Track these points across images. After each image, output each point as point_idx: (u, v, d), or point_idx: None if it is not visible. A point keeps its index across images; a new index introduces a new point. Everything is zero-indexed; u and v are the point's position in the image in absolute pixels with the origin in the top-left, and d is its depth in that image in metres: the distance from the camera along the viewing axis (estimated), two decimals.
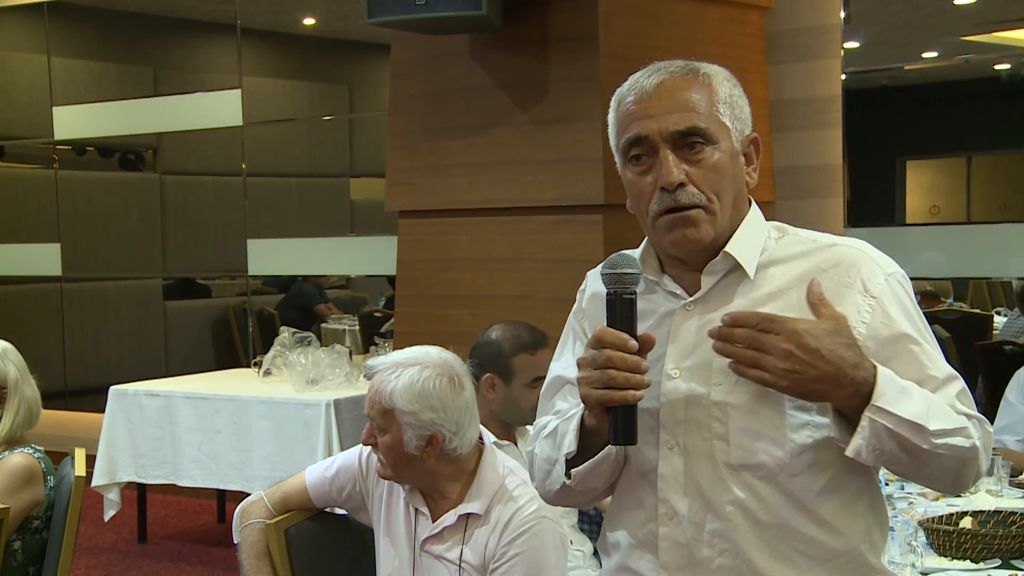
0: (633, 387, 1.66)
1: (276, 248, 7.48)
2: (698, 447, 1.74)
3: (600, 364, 1.67)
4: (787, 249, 1.80)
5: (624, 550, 1.83)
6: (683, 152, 1.74)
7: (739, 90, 1.82)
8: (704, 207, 1.74)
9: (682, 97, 1.76)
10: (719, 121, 1.76)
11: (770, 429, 1.70)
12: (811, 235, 1.82)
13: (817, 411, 1.71)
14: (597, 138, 4.64)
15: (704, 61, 1.83)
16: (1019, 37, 5.42)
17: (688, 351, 1.76)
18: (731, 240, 1.78)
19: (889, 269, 1.77)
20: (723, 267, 1.78)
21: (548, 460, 1.86)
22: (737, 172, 1.79)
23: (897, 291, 1.75)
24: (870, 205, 5.87)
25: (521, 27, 4.86)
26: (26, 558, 3.29)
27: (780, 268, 1.77)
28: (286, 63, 8.30)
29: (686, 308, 1.79)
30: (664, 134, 1.74)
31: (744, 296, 1.76)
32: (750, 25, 5.38)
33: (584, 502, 1.91)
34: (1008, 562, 2.73)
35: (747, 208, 1.83)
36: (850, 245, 1.79)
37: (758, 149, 1.84)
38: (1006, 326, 5.39)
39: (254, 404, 5.44)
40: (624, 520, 1.83)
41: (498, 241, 5.01)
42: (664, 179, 1.73)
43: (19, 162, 8.93)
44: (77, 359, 8.45)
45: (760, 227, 1.82)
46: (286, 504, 2.78)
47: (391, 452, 2.55)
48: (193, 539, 6.24)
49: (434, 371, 2.55)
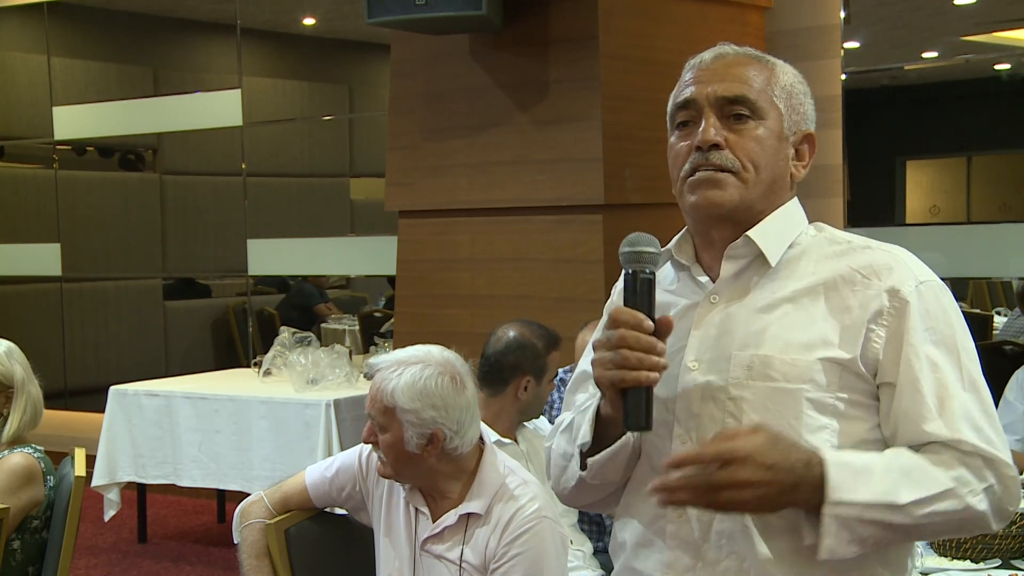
0: (648, 368, 1.59)
1: (276, 248, 7.48)
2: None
3: (614, 344, 1.61)
4: (821, 247, 1.74)
5: (630, 549, 1.78)
6: (727, 121, 1.70)
7: (805, 88, 1.79)
8: (736, 173, 1.69)
9: (738, 70, 1.73)
10: (771, 101, 1.72)
11: (785, 428, 1.62)
12: (847, 236, 1.76)
13: (837, 415, 1.65)
14: (597, 138, 4.63)
15: None
16: (1019, 37, 5.43)
17: (709, 343, 1.71)
18: (757, 225, 1.72)
19: (923, 277, 1.69)
20: (744, 253, 1.73)
21: (564, 455, 1.81)
22: (780, 156, 1.73)
23: (928, 301, 1.67)
24: (870, 205, 5.87)
25: (521, 27, 4.86)
26: (26, 558, 3.29)
27: (810, 265, 1.71)
28: (286, 63, 8.30)
29: (710, 300, 1.73)
30: (711, 98, 1.70)
31: (770, 291, 1.71)
32: (750, 25, 5.38)
33: (600, 500, 1.84)
34: (1008, 562, 2.72)
35: (787, 200, 1.77)
36: (885, 249, 1.73)
37: (812, 148, 1.78)
38: (1006, 326, 5.39)
39: (254, 404, 5.44)
40: (633, 517, 1.79)
41: (498, 241, 5.01)
42: (700, 137, 1.69)
43: (19, 162, 8.93)
44: (77, 359, 8.45)
45: (796, 220, 1.77)
46: (286, 504, 2.78)
47: (392, 450, 2.55)
48: (193, 539, 6.23)
49: (436, 369, 2.55)
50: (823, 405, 1.65)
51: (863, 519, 1.56)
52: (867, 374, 1.66)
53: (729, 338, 1.69)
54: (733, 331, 1.70)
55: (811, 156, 1.78)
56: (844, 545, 1.56)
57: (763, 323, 1.69)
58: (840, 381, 1.65)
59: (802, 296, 1.69)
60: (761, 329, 1.68)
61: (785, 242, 1.73)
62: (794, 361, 1.65)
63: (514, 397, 3.35)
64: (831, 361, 1.65)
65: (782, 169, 1.74)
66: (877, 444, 1.67)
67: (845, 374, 1.66)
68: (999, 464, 1.63)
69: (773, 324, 1.68)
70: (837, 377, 1.65)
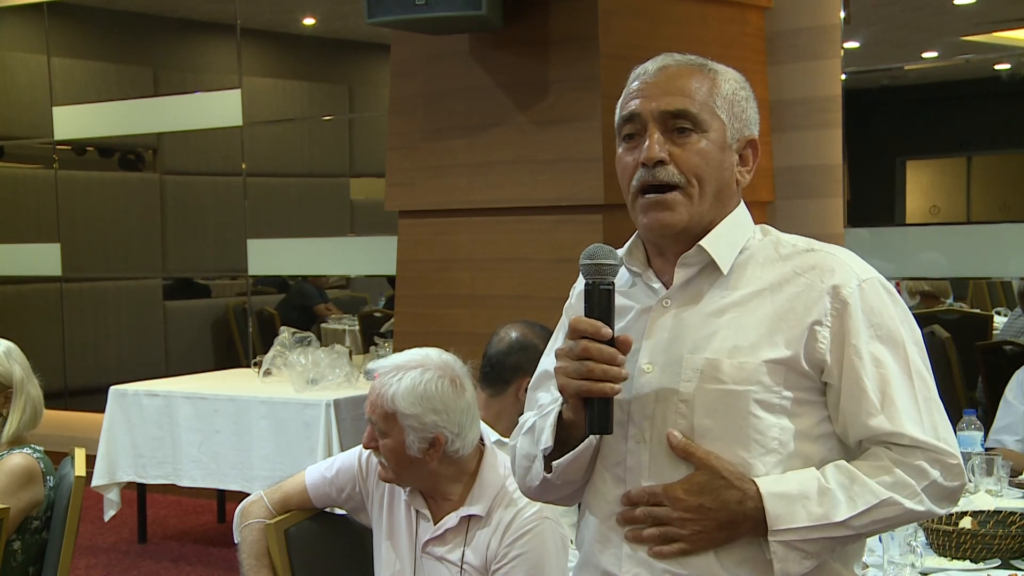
0: (611, 379, 1.68)
1: (276, 248, 7.48)
2: (663, 442, 1.74)
3: (577, 355, 1.69)
4: (767, 250, 1.80)
5: (588, 544, 1.84)
6: (671, 135, 1.76)
7: (747, 92, 1.83)
8: (682, 188, 1.75)
9: (681, 82, 1.78)
10: (713, 112, 1.77)
11: (733, 428, 1.71)
12: (792, 239, 1.82)
13: (784, 413, 1.72)
14: (597, 138, 4.64)
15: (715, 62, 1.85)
16: (1019, 37, 5.42)
17: (662, 346, 1.77)
18: (708, 234, 1.78)
19: (864, 275, 1.75)
20: (697, 261, 1.79)
21: (527, 456, 1.86)
22: (725, 166, 1.79)
23: (869, 298, 1.74)
24: (870, 205, 5.87)
25: (521, 27, 4.86)
26: (26, 558, 3.29)
27: (757, 270, 1.78)
28: (286, 63, 8.30)
29: (663, 304, 1.79)
30: (654, 113, 1.76)
31: (720, 296, 1.77)
32: (750, 25, 5.38)
33: (565, 497, 1.90)
34: (1008, 562, 2.72)
35: (734, 206, 1.83)
36: (827, 251, 1.79)
37: (756, 152, 1.84)
38: (1006, 326, 5.39)
39: (254, 404, 5.44)
40: (590, 516, 1.84)
41: (498, 241, 5.01)
42: (644, 154, 1.75)
43: (19, 162, 8.93)
44: (77, 359, 8.45)
45: (744, 226, 1.82)
46: (286, 504, 2.78)
47: (393, 455, 2.55)
48: (193, 539, 6.23)
49: (436, 373, 2.54)
50: (770, 405, 1.72)
51: (807, 539, 1.68)
52: (812, 372, 1.73)
53: (680, 342, 1.75)
54: (684, 335, 1.76)
55: (755, 160, 1.84)
56: (797, 563, 1.69)
57: (713, 327, 1.75)
58: (786, 381, 1.72)
59: (749, 300, 1.76)
60: (711, 333, 1.75)
61: (735, 249, 1.80)
62: (741, 364, 1.72)
63: (515, 398, 3.35)
64: (776, 362, 1.72)
65: (727, 178, 1.80)
66: (827, 438, 1.75)
67: (790, 374, 1.73)
68: (942, 454, 1.71)
69: (722, 328, 1.75)
70: (782, 377, 1.72)
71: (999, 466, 3.43)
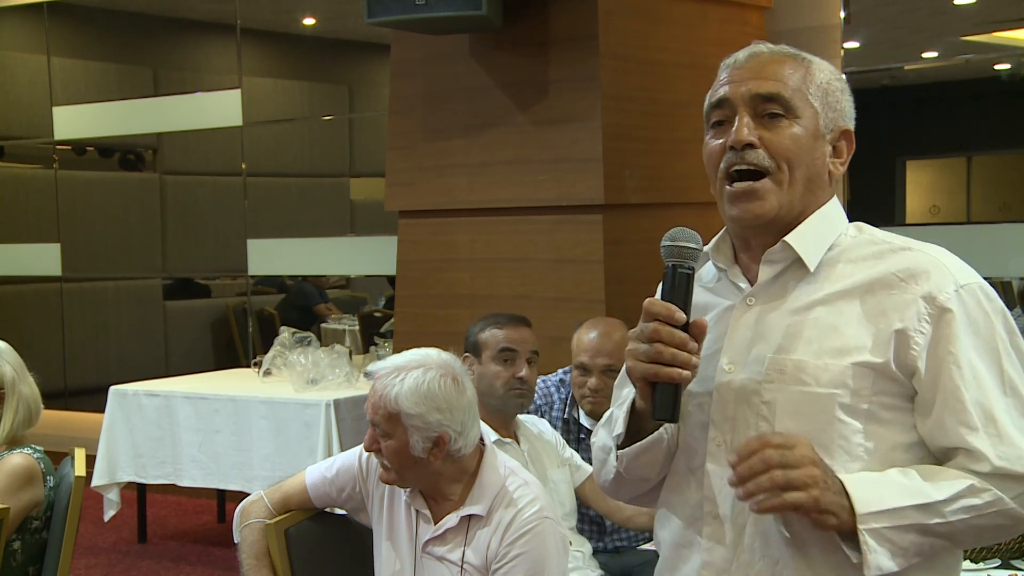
0: (680, 365, 1.60)
1: (276, 248, 7.48)
2: None
3: (647, 337, 1.62)
4: (859, 248, 1.72)
5: (669, 548, 1.80)
6: (762, 120, 1.69)
7: (843, 84, 1.77)
8: (772, 174, 1.68)
9: (773, 68, 1.72)
10: (806, 99, 1.71)
11: (817, 433, 1.62)
12: (888, 236, 1.74)
13: (872, 420, 1.64)
14: (597, 138, 4.64)
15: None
16: (1019, 37, 5.43)
17: (744, 347, 1.71)
18: (795, 230, 1.71)
19: (964, 280, 1.66)
20: (782, 258, 1.72)
21: (603, 448, 1.83)
22: (817, 154, 1.71)
23: (969, 305, 1.65)
24: (870, 205, 5.87)
25: (521, 27, 4.86)
26: (26, 558, 3.29)
27: (848, 267, 1.70)
28: (286, 63, 8.30)
29: (746, 303, 1.73)
30: (745, 97, 1.70)
31: (806, 293, 1.70)
32: (750, 25, 5.38)
33: (641, 496, 1.84)
34: (1008, 562, 2.73)
35: (826, 199, 1.75)
36: (924, 251, 1.70)
37: (851, 144, 1.77)
38: None
39: (254, 404, 5.43)
40: (670, 518, 1.80)
41: (498, 241, 5.01)
42: (733, 137, 1.68)
43: (19, 162, 8.93)
44: (77, 359, 8.45)
45: (835, 222, 1.75)
46: (286, 504, 2.78)
47: (397, 456, 2.54)
48: (193, 539, 6.23)
49: (437, 372, 2.54)
50: (855, 410, 1.64)
51: (898, 526, 1.57)
52: (902, 378, 1.65)
53: (764, 341, 1.69)
54: (767, 334, 1.70)
55: (849, 152, 1.77)
56: (887, 559, 1.57)
57: (797, 327, 1.68)
58: (874, 386, 1.64)
59: (837, 299, 1.68)
60: (795, 333, 1.68)
61: (824, 245, 1.72)
62: (827, 365, 1.64)
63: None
64: (864, 366, 1.64)
65: (819, 167, 1.73)
66: (913, 448, 1.67)
67: (879, 379, 1.64)
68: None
69: (807, 328, 1.67)
70: (871, 382, 1.64)
71: None
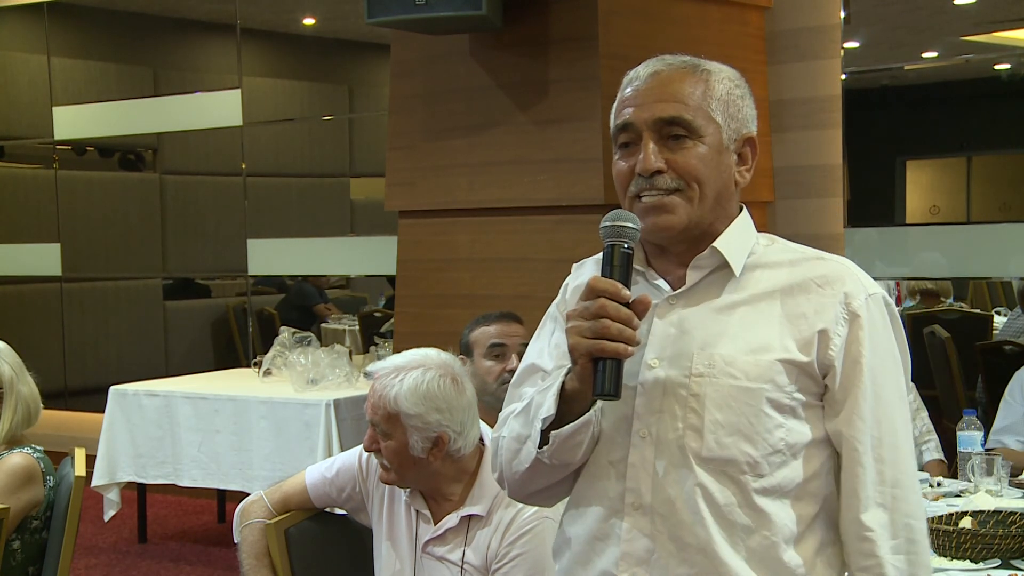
0: (626, 340, 1.64)
1: (276, 248, 7.48)
2: (670, 438, 1.72)
3: (593, 313, 1.65)
4: (776, 256, 1.80)
5: (583, 543, 1.79)
6: (666, 142, 1.74)
7: (742, 90, 1.81)
8: (682, 191, 1.74)
9: (673, 88, 1.76)
10: (708, 116, 1.75)
11: (745, 425, 1.70)
12: (798, 247, 1.83)
13: (792, 415, 1.72)
14: (597, 138, 4.64)
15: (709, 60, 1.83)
16: (1019, 37, 5.42)
17: (669, 342, 1.75)
18: (720, 237, 1.77)
19: (871, 290, 1.77)
20: (710, 263, 1.78)
21: (518, 438, 1.80)
22: (724, 168, 1.77)
23: (873, 314, 1.75)
24: (870, 205, 5.87)
25: (521, 27, 4.86)
26: (26, 558, 3.29)
27: (767, 272, 1.78)
28: (286, 63, 8.30)
29: (669, 301, 1.78)
30: (648, 122, 1.74)
31: (728, 295, 1.76)
32: (750, 25, 5.38)
33: (551, 486, 1.83)
34: (1008, 562, 2.73)
35: (737, 211, 1.82)
36: (836, 260, 1.80)
37: (754, 150, 1.82)
38: (1006, 326, 5.40)
39: (254, 404, 5.44)
40: (584, 512, 1.80)
41: (498, 241, 5.00)
42: (640, 165, 1.74)
43: (19, 162, 8.93)
44: (77, 359, 8.44)
45: (749, 231, 1.83)
46: (286, 504, 2.78)
47: (396, 456, 2.55)
48: (193, 539, 6.24)
49: (437, 372, 2.55)
50: (781, 405, 1.72)
51: None
52: (819, 376, 1.74)
53: (689, 337, 1.74)
54: (692, 331, 1.75)
55: (754, 158, 1.82)
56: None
57: (722, 324, 1.75)
58: (797, 383, 1.73)
59: (759, 300, 1.76)
60: (720, 330, 1.74)
61: (745, 252, 1.79)
62: (756, 361, 1.71)
63: None
64: (789, 363, 1.72)
65: (726, 180, 1.79)
66: (822, 444, 1.76)
67: (802, 376, 1.73)
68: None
69: (732, 325, 1.74)
70: (794, 379, 1.72)
71: (999, 466, 3.43)
